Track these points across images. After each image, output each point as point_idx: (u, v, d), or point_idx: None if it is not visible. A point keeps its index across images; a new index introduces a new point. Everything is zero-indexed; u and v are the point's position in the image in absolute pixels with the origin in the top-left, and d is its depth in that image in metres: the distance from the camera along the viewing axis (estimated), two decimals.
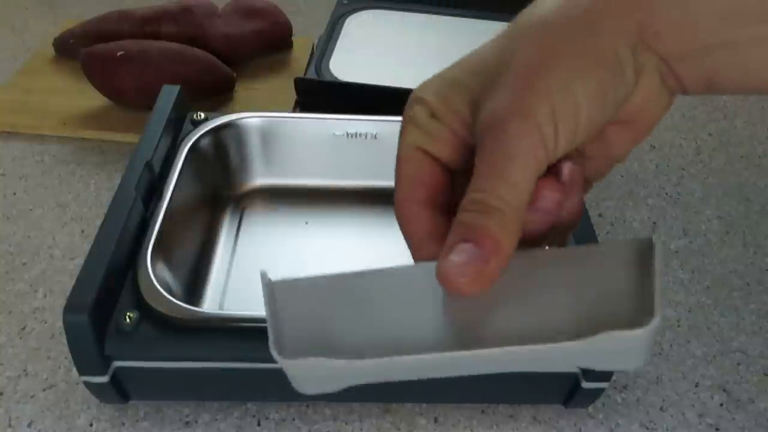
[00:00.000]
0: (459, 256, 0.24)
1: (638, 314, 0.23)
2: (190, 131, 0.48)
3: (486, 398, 0.40)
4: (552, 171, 0.25)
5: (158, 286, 0.36)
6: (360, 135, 0.50)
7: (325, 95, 0.59)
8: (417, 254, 0.28)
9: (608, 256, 0.25)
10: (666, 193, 0.56)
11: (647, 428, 0.40)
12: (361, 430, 0.39)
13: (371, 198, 0.50)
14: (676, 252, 0.51)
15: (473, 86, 0.26)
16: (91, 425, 0.38)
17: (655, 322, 0.21)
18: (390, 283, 0.27)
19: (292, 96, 0.61)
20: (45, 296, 0.45)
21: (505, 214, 0.24)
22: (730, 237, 0.53)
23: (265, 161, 0.51)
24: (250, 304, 0.43)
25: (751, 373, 0.43)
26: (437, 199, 0.27)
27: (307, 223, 0.49)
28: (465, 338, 0.26)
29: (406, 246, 0.28)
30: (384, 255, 0.47)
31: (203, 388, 0.38)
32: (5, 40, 0.72)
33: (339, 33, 0.65)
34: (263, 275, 0.26)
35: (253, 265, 0.46)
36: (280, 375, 0.36)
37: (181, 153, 0.46)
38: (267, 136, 0.50)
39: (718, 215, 0.54)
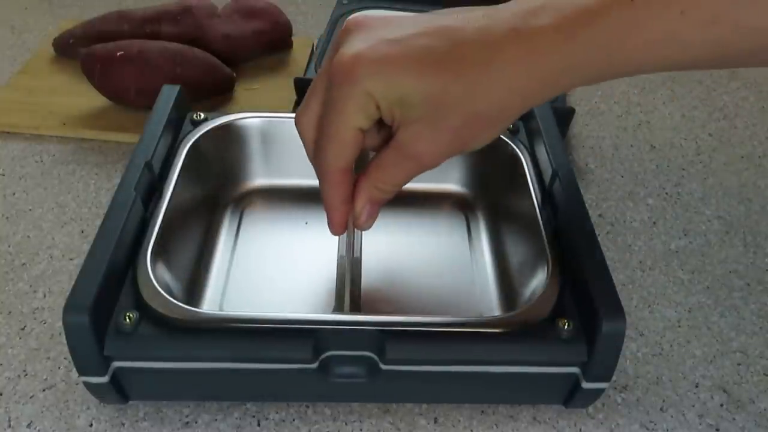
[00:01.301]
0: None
1: None
2: (190, 131, 0.48)
3: (486, 398, 0.40)
4: None
5: (158, 287, 0.36)
6: None
7: None
8: (337, 215, 0.37)
9: None
10: (666, 193, 0.56)
11: (647, 428, 0.40)
12: (361, 430, 0.39)
13: None
14: (676, 252, 0.51)
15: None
16: (91, 425, 0.38)
17: None
18: None
19: (292, 96, 0.61)
20: (45, 296, 0.45)
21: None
22: (730, 237, 0.52)
23: (265, 161, 0.51)
24: (250, 304, 0.43)
25: (751, 374, 0.43)
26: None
27: (307, 223, 0.49)
28: None
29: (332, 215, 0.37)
30: (384, 255, 0.47)
31: (203, 388, 0.38)
32: (5, 40, 0.72)
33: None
34: None
35: (253, 265, 0.46)
36: (280, 375, 0.36)
37: (181, 153, 0.46)
38: (267, 136, 0.50)
39: (718, 215, 0.54)
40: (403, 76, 0.31)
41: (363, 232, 0.47)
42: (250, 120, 0.49)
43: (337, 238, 0.47)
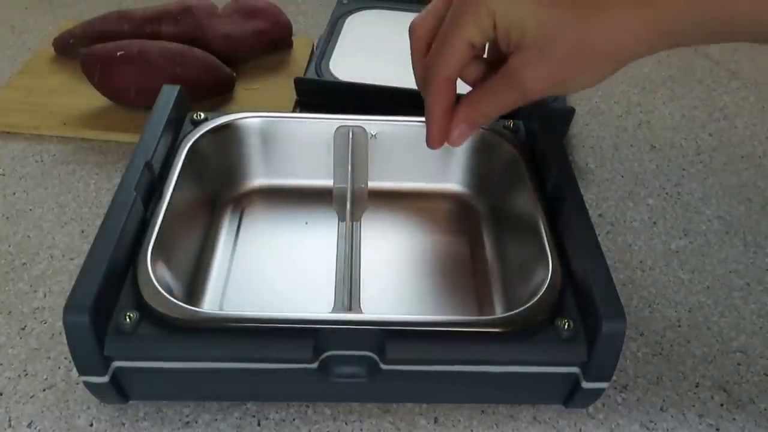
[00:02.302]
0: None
1: None
2: (190, 131, 0.48)
3: (486, 398, 0.40)
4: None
5: (158, 286, 0.36)
6: None
7: (325, 95, 0.59)
8: (436, 127, 0.38)
9: None
10: (666, 193, 0.56)
11: (647, 428, 0.40)
12: (361, 430, 0.39)
13: (371, 198, 0.50)
14: (676, 252, 0.51)
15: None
16: (91, 425, 0.38)
17: None
18: None
19: (292, 96, 0.61)
20: (45, 296, 0.45)
21: None
22: (730, 237, 0.53)
23: (264, 161, 0.51)
24: (249, 304, 0.43)
25: (752, 373, 0.43)
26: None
27: (307, 223, 0.49)
28: None
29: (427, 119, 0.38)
30: (384, 254, 0.47)
31: (203, 388, 0.38)
32: (5, 40, 0.72)
33: (339, 33, 0.65)
34: None
35: (253, 265, 0.46)
36: (280, 375, 0.36)
37: (181, 153, 0.46)
38: (267, 136, 0.50)
39: (718, 215, 0.54)
40: (522, 4, 0.33)
41: (362, 232, 0.47)
42: (250, 120, 0.49)
43: (336, 238, 0.47)
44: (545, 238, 0.41)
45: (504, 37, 0.34)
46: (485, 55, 0.38)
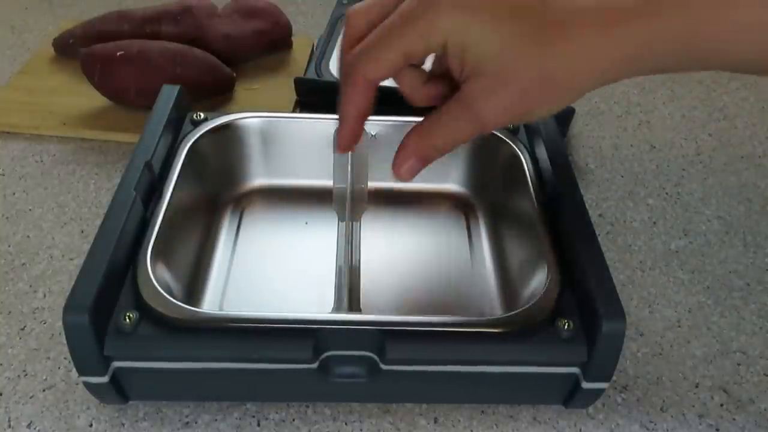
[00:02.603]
0: None
1: None
2: (190, 131, 0.48)
3: (486, 398, 0.40)
4: None
5: (158, 286, 0.36)
6: None
7: (325, 95, 0.59)
8: (347, 130, 0.36)
9: None
10: (666, 193, 0.56)
11: (647, 429, 0.40)
12: (361, 430, 0.39)
13: (371, 198, 0.50)
14: (676, 252, 0.51)
15: None
16: (91, 425, 0.38)
17: None
18: None
19: (292, 96, 0.61)
20: (45, 296, 0.45)
21: None
22: (730, 237, 0.52)
23: (264, 161, 0.51)
24: (250, 304, 0.43)
25: (752, 374, 0.43)
26: None
27: (307, 223, 0.49)
28: None
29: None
30: (384, 255, 0.47)
31: (203, 388, 0.38)
32: (5, 40, 0.72)
33: (339, 33, 0.65)
34: None
35: (253, 265, 0.46)
36: (280, 375, 0.36)
37: (181, 153, 0.46)
38: (267, 136, 0.50)
39: (718, 215, 0.54)
40: (484, 23, 0.31)
41: (362, 232, 0.47)
42: (250, 120, 0.49)
43: (336, 237, 0.47)
44: (545, 239, 0.41)
45: (455, 57, 0.32)
46: (425, 66, 0.36)
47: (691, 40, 0.30)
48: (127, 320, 0.35)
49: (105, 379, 0.35)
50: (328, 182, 0.51)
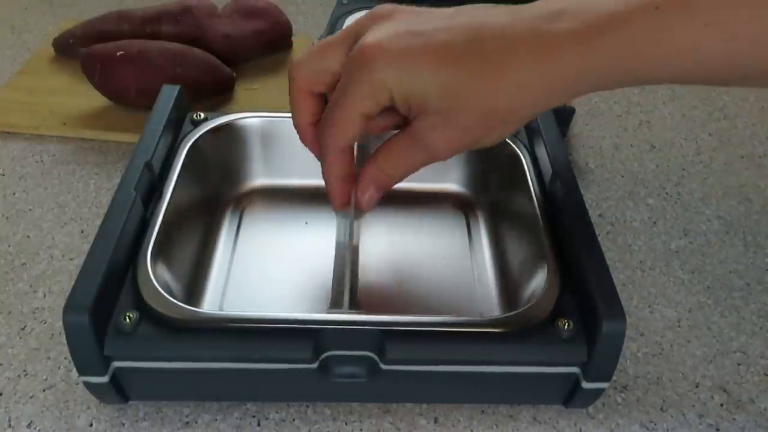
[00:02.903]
0: None
1: None
2: (190, 131, 0.48)
3: (486, 398, 0.40)
4: None
5: (158, 287, 0.36)
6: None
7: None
8: (334, 192, 0.38)
9: None
10: (666, 193, 0.56)
11: (647, 428, 0.40)
12: (361, 430, 0.39)
13: None
14: (676, 252, 0.51)
15: None
16: (91, 425, 0.38)
17: None
18: None
19: None
20: (45, 296, 0.45)
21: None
22: (730, 237, 0.52)
23: (265, 161, 0.51)
24: (249, 304, 0.43)
25: (752, 373, 0.43)
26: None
27: (307, 223, 0.49)
28: None
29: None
30: (384, 254, 0.47)
31: (203, 388, 0.38)
32: (5, 40, 0.72)
33: None
34: None
35: (253, 265, 0.46)
36: (280, 375, 0.36)
37: (181, 153, 0.46)
38: (267, 136, 0.50)
39: (718, 215, 0.54)
40: (420, 69, 0.32)
41: (362, 232, 0.47)
42: (250, 120, 0.49)
43: (334, 238, 0.47)
44: (545, 238, 0.41)
45: (403, 104, 0.33)
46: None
47: (630, 64, 0.30)
48: (127, 320, 0.35)
49: (105, 379, 0.35)
50: None
